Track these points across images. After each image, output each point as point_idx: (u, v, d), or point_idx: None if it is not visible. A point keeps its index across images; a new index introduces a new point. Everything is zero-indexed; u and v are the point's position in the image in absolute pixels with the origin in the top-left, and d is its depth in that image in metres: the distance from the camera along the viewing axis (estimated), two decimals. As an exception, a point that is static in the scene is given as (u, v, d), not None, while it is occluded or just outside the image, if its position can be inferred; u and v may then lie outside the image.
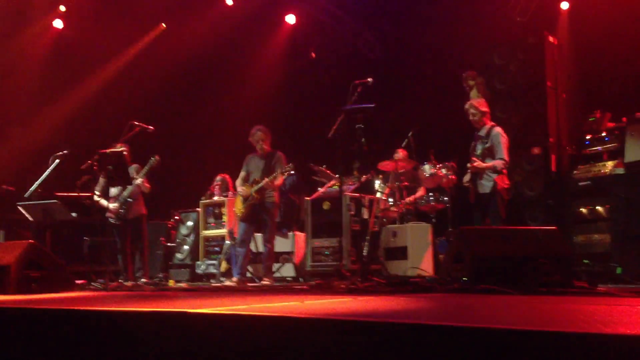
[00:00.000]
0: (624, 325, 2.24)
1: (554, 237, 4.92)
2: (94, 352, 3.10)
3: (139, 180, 7.80)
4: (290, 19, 11.31)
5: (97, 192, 7.98)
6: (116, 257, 8.07)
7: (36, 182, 7.82)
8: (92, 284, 6.99)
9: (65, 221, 8.28)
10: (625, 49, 7.83)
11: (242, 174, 7.88)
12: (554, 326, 2.30)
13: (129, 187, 7.83)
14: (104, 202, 8.01)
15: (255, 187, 7.58)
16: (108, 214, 7.98)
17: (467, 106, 6.97)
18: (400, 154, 8.23)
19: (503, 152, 6.65)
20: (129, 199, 7.90)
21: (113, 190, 8.04)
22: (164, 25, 11.64)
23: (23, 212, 7.91)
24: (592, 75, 8.24)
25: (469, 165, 6.78)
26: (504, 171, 6.72)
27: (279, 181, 7.61)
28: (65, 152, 7.84)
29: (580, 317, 2.68)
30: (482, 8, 8.90)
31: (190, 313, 2.95)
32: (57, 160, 7.79)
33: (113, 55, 11.57)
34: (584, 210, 6.77)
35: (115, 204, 7.94)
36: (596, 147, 7.05)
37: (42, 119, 10.94)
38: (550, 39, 7.97)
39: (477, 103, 6.96)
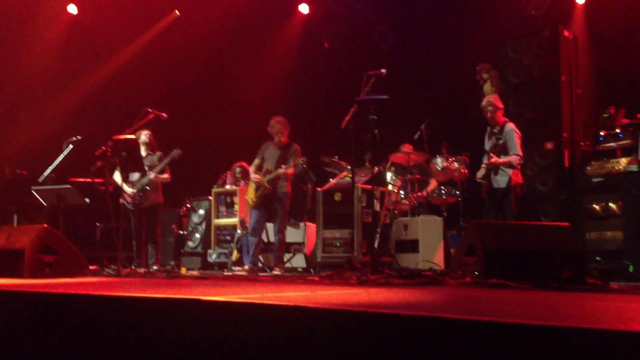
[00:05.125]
0: (637, 322, 2.25)
1: (567, 233, 4.91)
2: (106, 337, 3.14)
3: (152, 175, 7.86)
4: (304, 8, 11.28)
5: (118, 175, 8.03)
6: (129, 243, 8.12)
7: (50, 167, 7.87)
8: (105, 269, 7.04)
9: (78, 206, 8.33)
10: (640, 44, 7.78)
11: (257, 161, 7.92)
12: (566, 322, 2.31)
13: (148, 176, 7.88)
14: (124, 185, 8.06)
15: (268, 177, 7.62)
16: (125, 199, 8.02)
17: (484, 103, 6.97)
18: (406, 148, 8.20)
19: (517, 147, 6.68)
20: (146, 187, 7.95)
21: (133, 176, 8.08)
22: (177, 12, 11.65)
23: (37, 196, 7.96)
24: (607, 71, 8.18)
25: (485, 162, 6.78)
26: (519, 167, 6.73)
27: (290, 171, 7.64)
28: (79, 137, 7.87)
29: (592, 313, 2.68)
30: (497, 1, 8.85)
31: (203, 300, 2.98)
32: (71, 146, 7.82)
33: (127, 42, 11.59)
34: (596, 206, 6.73)
35: (133, 190, 7.98)
36: (610, 143, 7.00)
37: (56, 104, 11.00)
38: (566, 33, 7.92)
39: (494, 100, 6.97)
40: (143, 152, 8.16)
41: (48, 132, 10.20)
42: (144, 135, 8.13)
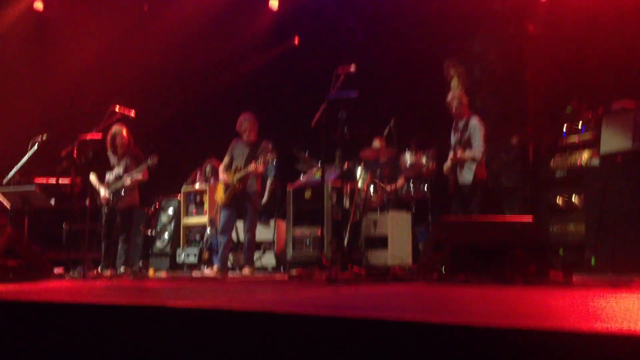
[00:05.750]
0: (600, 321, 2.29)
1: (531, 227, 4.99)
2: (70, 347, 3.10)
3: (127, 181, 7.74)
4: (274, 3, 11.23)
5: (93, 176, 7.90)
6: (96, 244, 7.99)
7: (14, 168, 7.73)
8: (70, 272, 6.94)
9: (43, 207, 8.19)
10: (603, 40, 7.88)
11: (226, 160, 7.85)
12: (530, 321, 2.36)
13: (123, 181, 7.75)
14: (98, 185, 7.91)
15: (238, 175, 7.56)
16: (100, 200, 7.89)
17: (449, 98, 7.02)
18: (378, 142, 8.24)
19: (480, 141, 6.73)
20: (122, 191, 7.83)
21: (108, 176, 7.95)
22: (145, 7, 11.50)
23: (0, 198, 7.81)
24: (570, 66, 8.29)
25: (451, 154, 6.83)
26: (482, 162, 6.80)
27: (260, 168, 7.60)
28: (44, 137, 7.71)
29: (555, 311, 2.74)
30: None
31: (169, 307, 2.96)
32: (36, 146, 7.67)
33: (95, 38, 11.41)
34: (559, 200, 6.84)
35: (107, 192, 7.86)
36: (573, 137, 7.11)
37: (21, 103, 10.79)
38: (530, 28, 8.02)
39: (459, 95, 7.03)
40: (119, 151, 8.02)
41: (12, 131, 10.00)
42: (119, 136, 7.95)
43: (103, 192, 7.82)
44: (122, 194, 7.78)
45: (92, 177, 7.90)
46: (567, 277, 4.39)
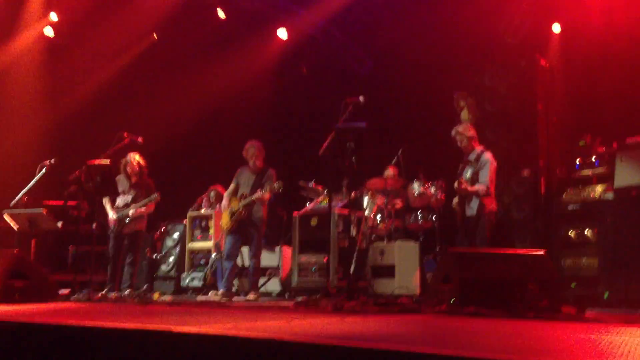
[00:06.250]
0: (613, 358, 2.23)
1: (543, 261, 4.92)
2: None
3: (130, 211, 7.88)
4: (282, 33, 11.30)
5: (106, 200, 8.04)
6: (102, 267, 8.03)
7: (22, 191, 7.75)
8: (76, 295, 6.92)
9: (50, 230, 8.22)
10: (616, 74, 7.87)
11: (232, 186, 7.88)
12: (542, 357, 2.30)
13: (127, 211, 7.87)
14: (108, 208, 8.04)
15: (244, 202, 7.57)
16: (108, 222, 8.02)
17: (453, 133, 7.02)
18: (390, 171, 8.21)
19: (487, 177, 6.68)
20: (126, 219, 7.91)
21: (118, 201, 8.06)
22: (155, 36, 11.60)
23: (8, 220, 7.82)
24: (583, 99, 8.27)
25: (455, 185, 6.78)
26: (492, 194, 6.74)
27: (266, 196, 7.59)
28: (52, 161, 7.78)
29: (568, 347, 2.67)
30: (474, 28, 8.93)
31: (175, 332, 2.91)
32: (44, 169, 7.73)
33: (104, 65, 11.51)
34: (572, 233, 6.77)
35: (115, 217, 7.96)
36: (586, 171, 7.08)
37: (31, 127, 10.85)
38: (542, 62, 8.01)
39: (462, 129, 7.01)
40: (132, 179, 8.13)
41: (21, 155, 10.05)
42: (129, 165, 8.09)
43: (112, 215, 7.93)
44: (130, 219, 7.89)
45: (104, 199, 8.03)
46: (579, 312, 4.31)
